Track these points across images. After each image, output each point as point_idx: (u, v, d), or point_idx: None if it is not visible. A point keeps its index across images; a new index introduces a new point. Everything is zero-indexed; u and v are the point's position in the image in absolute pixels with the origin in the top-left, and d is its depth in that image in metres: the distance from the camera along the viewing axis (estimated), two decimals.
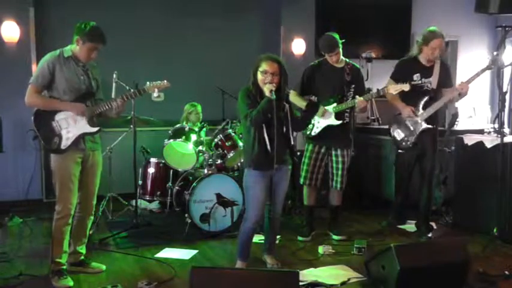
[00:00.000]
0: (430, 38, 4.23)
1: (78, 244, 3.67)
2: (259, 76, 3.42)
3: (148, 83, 3.69)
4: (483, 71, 4.23)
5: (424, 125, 4.35)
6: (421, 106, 4.34)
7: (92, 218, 3.73)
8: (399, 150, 4.58)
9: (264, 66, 3.40)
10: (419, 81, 4.22)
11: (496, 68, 4.19)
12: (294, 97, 4.37)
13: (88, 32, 3.38)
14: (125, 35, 5.94)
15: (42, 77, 3.37)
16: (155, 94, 3.69)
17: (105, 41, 3.46)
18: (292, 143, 3.56)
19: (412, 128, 4.41)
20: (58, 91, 3.41)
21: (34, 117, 3.43)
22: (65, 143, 3.41)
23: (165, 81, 3.72)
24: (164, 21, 6.15)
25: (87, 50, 3.41)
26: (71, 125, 3.44)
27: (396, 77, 4.37)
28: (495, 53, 4.22)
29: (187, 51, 6.25)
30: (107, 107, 3.50)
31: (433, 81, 4.29)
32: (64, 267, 3.50)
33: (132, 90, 3.71)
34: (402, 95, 4.29)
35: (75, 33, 3.41)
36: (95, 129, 3.53)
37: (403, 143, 4.49)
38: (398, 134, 4.51)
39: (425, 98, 4.31)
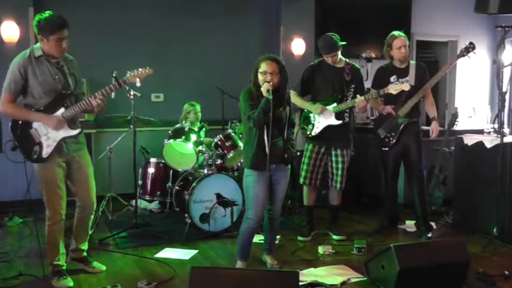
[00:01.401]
0: (391, 41, 4.48)
1: (80, 242, 3.66)
2: (260, 77, 3.43)
3: (128, 72, 3.45)
4: (455, 60, 4.44)
5: (406, 120, 4.42)
6: (401, 103, 4.42)
7: (93, 217, 3.69)
8: (383, 148, 4.62)
9: (263, 67, 3.41)
10: (397, 82, 4.32)
11: (468, 57, 4.30)
12: (294, 98, 4.38)
13: (46, 25, 3.15)
14: (124, 35, 5.96)
15: (15, 83, 3.19)
16: (137, 84, 3.45)
17: (67, 24, 3.19)
18: (291, 143, 3.57)
19: (393, 124, 4.49)
20: (33, 96, 3.24)
21: (11, 127, 3.27)
22: (46, 151, 3.27)
23: (147, 68, 3.50)
24: (164, 21, 6.15)
25: (56, 43, 3.18)
26: (50, 131, 3.27)
27: (375, 85, 4.52)
28: (468, 42, 4.31)
29: (187, 51, 6.25)
30: (86, 105, 3.32)
31: (410, 79, 4.36)
32: (63, 267, 3.48)
33: (112, 83, 3.44)
34: (385, 96, 4.37)
35: (35, 32, 3.19)
36: (76, 131, 3.38)
37: (386, 140, 4.56)
38: (382, 132, 4.58)
39: (405, 95, 4.37)
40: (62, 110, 3.32)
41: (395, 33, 4.49)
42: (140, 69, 3.48)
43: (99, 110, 3.43)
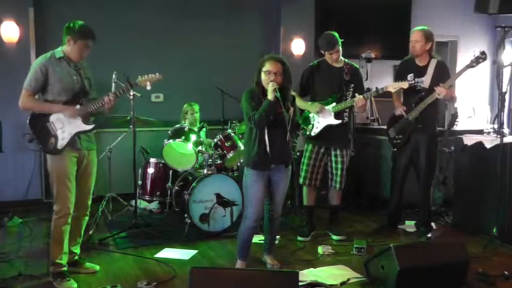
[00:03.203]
0: (410, 35, 4.45)
1: (73, 244, 3.64)
2: (263, 76, 3.43)
3: (140, 76, 3.72)
4: (464, 70, 4.26)
5: (413, 124, 4.41)
6: (413, 105, 4.41)
7: (87, 218, 3.72)
8: (393, 149, 4.65)
9: (267, 66, 3.41)
10: (412, 81, 4.31)
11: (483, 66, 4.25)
12: (297, 100, 4.37)
13: (78, 30, 3.41)
14: (124, 35, 5.96)
15: (36, 80, 3.38)
16: (148, 87, 3.72)
17: (95, 37, 3.48)
18: (291, 145, 3.58)
19: (402, 127, 4.48)
20: (53, 93, 3.41)
21: (29, 120, 3.44)
22: (60, 143, 3.42)
23: (157, 73, 3.76)
24: (164, 21, 6.15)
25: (79, 48, 3.43)
26: (65, 125, 3.44)
27: (396, 79, 4.51)
28: (481, 50, 4.21)
29: (187, 51, 6.25)
30: (99, 104, 3.51)
31: (425, 81, 4.34)
32: (65, 268, 3.47)
33: (123, 84, 3.71)
34: (404, 95, 4.42)
35: (65, 34, 3.44)
36: (90, 126, 3.54)
37: (394, 141, 4.57)
38: (392, 133, 4.59)
39: (417, 97, 4.37)
40: (77, 107, 3.49)
41: (417, 27, 4.48)
42: (151, 74, 3.74)
43: (108, 108, 3.57)
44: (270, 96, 3.35)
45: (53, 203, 3.46)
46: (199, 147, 4.92)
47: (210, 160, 4.78)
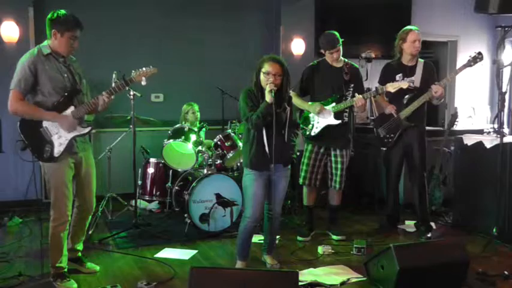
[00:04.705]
0: (405, 35, 4.43)
1: (76, 242, 3.64)
2: (262, 77, 3.42)
3: (133, 71, 3.53)
4: (462, 69, 4.33)
5: (405, 123, 4.42)
6: (404, 104, 4.41)
7: (90, 217, 3.70)
8: (382, 148, 4.65)
9: (267, 67, 3.40)
10: (402, 80, 4.29)
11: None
12: (294, 98, 4.37)
13: (62, 21, 3.19)
14: (124, 34, 5.96)
15: (25, 80, 3.16)
16: (143, 82, 3.52)
17: (82, 26, 3.27)
18: (290, 143, 3.58)
19: (393, 126, 4.48)
20: (43, 93, 3.23)
21: (20, 126, 3.24)
22: (58, 150, 3.25)
23: (151, 66, 3.57)
24: (164, 21, 6.15)
25: (67, 41, 3.23)
26: (61, 130, 3.28)
27: (381, 81, 4.50)
28: (476, 51, 4.26)
29: (186, 51, 6.25)
30: (94, 104, 3.35)
31: (415, 80, 4.35)
32: (65, 270, 3.46)
33: (118, 81, 3.52)
34: (390, 94, 4.40)
35: (48, 27, 3.22)
36: (87, 129, 3.40)
37: (385, 140, 4.57)
38: (382, 132, 4.59)
39: (408, 96, 4.38)
40: (71, 109, 3.33)
41: (411, 27, 4.49)
42: (145, 68, 3.55)
43: (103, 109, 3.44)
44: (268, 97, 3.34)
45: (51, 209, 3.36)
46: (199, 147, 4.93)
47: (210, 160, 4.78)
